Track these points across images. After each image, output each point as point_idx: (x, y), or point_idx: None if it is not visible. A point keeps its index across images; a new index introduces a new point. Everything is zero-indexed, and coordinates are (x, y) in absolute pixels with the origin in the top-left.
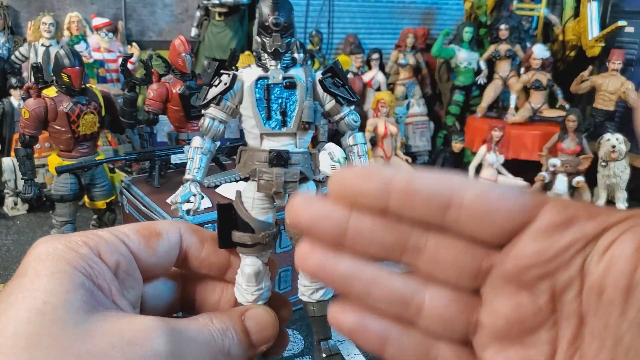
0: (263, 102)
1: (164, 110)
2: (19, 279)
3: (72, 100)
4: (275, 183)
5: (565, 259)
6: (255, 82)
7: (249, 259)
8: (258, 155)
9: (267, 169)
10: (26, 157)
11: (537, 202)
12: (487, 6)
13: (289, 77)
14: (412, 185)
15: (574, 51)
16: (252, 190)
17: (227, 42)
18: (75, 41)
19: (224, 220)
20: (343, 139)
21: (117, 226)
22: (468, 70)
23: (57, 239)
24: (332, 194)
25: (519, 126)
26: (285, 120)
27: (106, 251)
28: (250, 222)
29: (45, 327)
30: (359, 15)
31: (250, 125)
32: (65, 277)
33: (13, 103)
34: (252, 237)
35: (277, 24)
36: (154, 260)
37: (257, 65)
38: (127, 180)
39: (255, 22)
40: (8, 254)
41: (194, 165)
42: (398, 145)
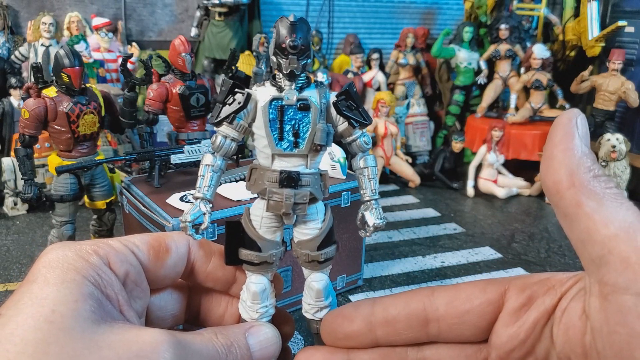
0: (276, 123)
1: (163, 110)
2: (29, 286)
3: (72, 100)
4: (285, 204)
5: (537, 334)
6: (270, 102)
7: (254, 277)
8: (269, 175)
9: (277, 189)
10: (26, 157)
11: (500, 292)
12: (487, 6)
13: (304, 99)
14: (389, 314)
15: (574, 51)
16: (260, 209)
17: (227, 42)
18: (75, 41)
19: (232, 238)
20: (354, 160)
21: (127, 236)
22: (468, 70)
23: (68, 247)
24: (327, 341)
25: (519, 126)
26: (298, 141)
27: (116, 261)
28: (258, 241)
29: (53, 335)
30: (359, 15)
31: (262, 144)
32: (74, 286)
33: (13, 103)
34: (259, 256)
35: (295, 47)
36: (162, 272)
37: (271, 84)
38: (126, 180)
39: (272, 42)
40: (8, 254)
41: (205, 183)
42: (398, 145)
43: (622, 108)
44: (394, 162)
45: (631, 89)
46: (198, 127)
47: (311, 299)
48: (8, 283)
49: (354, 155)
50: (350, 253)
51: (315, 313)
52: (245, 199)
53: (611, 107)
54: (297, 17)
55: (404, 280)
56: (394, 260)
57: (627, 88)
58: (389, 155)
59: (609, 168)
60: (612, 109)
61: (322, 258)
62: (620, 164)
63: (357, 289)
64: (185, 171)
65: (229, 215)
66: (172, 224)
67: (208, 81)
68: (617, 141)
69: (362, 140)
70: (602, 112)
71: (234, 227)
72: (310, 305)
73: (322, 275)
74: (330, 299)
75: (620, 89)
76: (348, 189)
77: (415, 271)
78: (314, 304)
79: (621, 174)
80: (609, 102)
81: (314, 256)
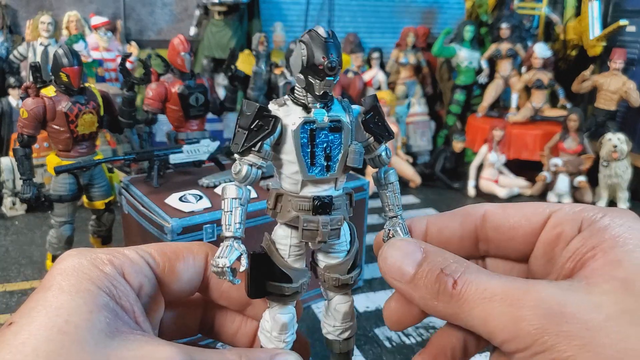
0: (307, 147)
1: (162, 110)
2: (43, 293)
3: (71, 100)
4: (321, 232)
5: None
6: (301, 126)
7: (283, 308)
8: (300, 203)
9: (312, 217)
10: (24, 157)
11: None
12: (488, 5)
13: (336, 120)
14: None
15: (575, 50)
16: (288, 237)
17: (226, 41)
18: (74, 40)
19: (257, 270)
20: (374, 174)
21: (144, 245)
22: (469, 70)
23: (84, 255)
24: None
25: (520, 126)
26: (330, 165)
27: (130, 272)
28: (289, 272)
29: (66, 348)
30: (360, 14)
31: (291, 171)
32: (89, 297)
33: (11, 102)
34: (290, 287)
35: (333, 68)
36: (177, 285)
37: (293, 102)
38: (125, 180)
39: (300, 59)
40: (7, 254)
41: (235, 219)
42: (399, 145)
43: (623, 108)
44: (395, 162)
45: (633, 88)
46: (197, 126)
47: (336, 321)
48: (7, 284)
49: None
50: None
51: (340, 334)
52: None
53: (612, 106)
54: (327, 31)
55: None
56: None
57: (628, 87)
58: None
59: (611, 168)
60: (614, 108)
61: (352, 280)
62: (622, 164)
63: (358, 289)
64: (185, 171)
65: None
66: (171, 224)
67: (207, 80)
68: (618, 141)
69: (385, 155)
70: (604, 111)
71: (260, 259)
72: (334, 327)
73: (348, 297)
74: (354, 320)
75: (621, 88)
76: None
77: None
78: (340, 325)
79: (622, 174)
80: (610, 101)
81: (345, 280)
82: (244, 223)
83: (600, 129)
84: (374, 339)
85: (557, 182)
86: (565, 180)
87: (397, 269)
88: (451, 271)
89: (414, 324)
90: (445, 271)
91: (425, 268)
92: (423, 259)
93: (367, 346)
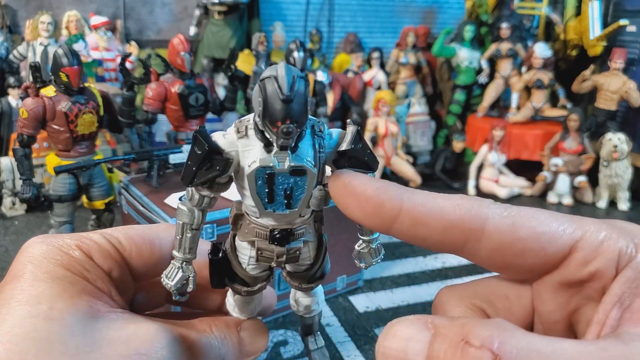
0: (265, 188)
1: (162, 110)
2: (16, 283)
3: (71, 100)
4: (277, 261)
5: None
6: (256, 170)
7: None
8: (257, 230)
9: (268, 246)
10: (24, 157)
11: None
12: (488, 5)
13: (297, 167)
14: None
15: (575, 50)
16: (248, 251)
17: (226, 41)
18: (74, 40)
19: (217, 267)
20: None
21: (110, 229)
22: (469, 69)
23: (49, 240)
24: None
25: (520, 125)
26: (291, 203)
27: (99, 257)
28: (246, 279)
29: (55, 333)
30: (360, 14)
31: (249, 202)
32: (66, 283)
33: (11, 102)
34: (248, 290)
35: (289, 133)
36: (145, 269)
37: (257, 137)
38: (125, 180)
39: (260, 103)
40: (6, 254)
41: (186, 245)
42: (399, 145)
43: (624, 107)
44: (395, 162)
45: (633, 88)
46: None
47: (299, 307)
48: None
49: None
50: (350, 253)
51: (305, 314)
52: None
53: (613, 106)
54: (289, 80)
55: (405, 281)
56: (394, 260)
57: (628, 87)
58: (390, 154)
59: (611, 168)
60: (614, 108)
61: (315, 286)
62: (622, 164)
63: (358, 290)
64: None
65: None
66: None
67: (207, 80)
68: (618, 141)
69: None
70: (604, 111)
71: (219, 263)
72: (298, 310)
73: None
74: (319, 306)
75: (622, 88)
76: None
77: (416, 272)
78: (302, 312)
79: (623, 173)
80: (610, 101)
81: (306, 287)
82: (195, 246)
83: (600, 128)
84: (374, 339)
85: (558, 182)
86: (565, 180)
87: None
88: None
89: None
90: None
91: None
92: (433, 337)
93: (367, 346)
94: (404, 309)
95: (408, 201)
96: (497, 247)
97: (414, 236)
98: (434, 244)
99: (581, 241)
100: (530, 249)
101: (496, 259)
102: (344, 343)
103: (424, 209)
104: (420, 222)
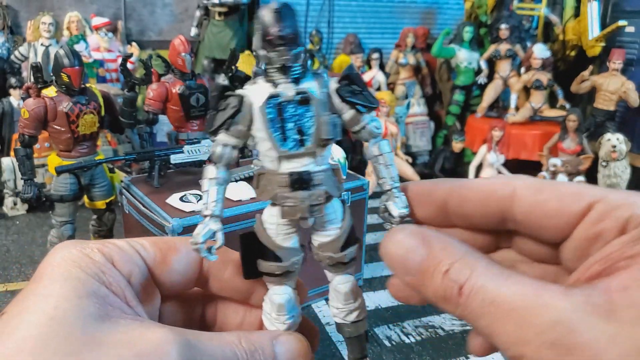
0: (277, 122)
1: (163, 110)
2: (34, 284)
3: (72, 100)
4: (301, 208)
5: None
6: (266, 101)
7: (277, 288)
8: (278, 179)
9: (290, 193)
10: (26, 157)
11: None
12: (487, 6)
13: (302, 91)
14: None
15: (574, 51)
16: (274, 216)
17: (226, 41)
18: (75, 41)
19: (248, 250)
20: (366, 149)
21: (136, 238)
22: (468, 70)
23: (73, 245)
24: None
25: (519, 126)
26: (303, 139)
27: (119, 259)
28: (277, 251)
29: (54, 331)
30: (359, 15)
31: (265, 147)
32: (78, 283)
33: (13, 103)
34: (280, 266)
35: (283, 37)
36: (171, 277)
37: (265, 80)
38: (126, 180)
39: (258, 35)
40: (8, 254)
41: (211, 198)
42: (398, 145)
43: (622, 108)
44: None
45: (631, 89)
46: (198, 126)
47: (339, 302)
48: (8, 283)
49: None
50: None
51: (346, 317)
52: (245, 199)
53: (611, 107)
54: (280, 3)
55: None
56: None
57: (627, 88)
58: None
59: (610, 168)
60: (613, 108)
61: (347, 259)
62: (621, 164)
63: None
64: (185, 171)
65: (229, 215)
66: (172, 224)
67: (208, 81)
68: (617, 141)
69: (372, 126)
70: (603, 112)
71: (248, 239)
72: (339, 310)
73: (348, 277)
74: (359, 300)
75: (620, 88)
76: (349, 189)
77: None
78: (343, 307)
79: (621, 174)
80: (609, 102)
81: (338, 258)
82: (221, 202)
83: (599, 129)
84: (373, 338)
85: None
86: (564, 181)
87: (400, 265)
88: (456, 275)
89: (420, 304)
90: (450, 274)
91: (429, 268)
92: (427, 256)
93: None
94: (404, 308)
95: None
96: (527, 209)
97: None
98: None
99: (599, 202)
100: (554, 208)
101: (530, 222)
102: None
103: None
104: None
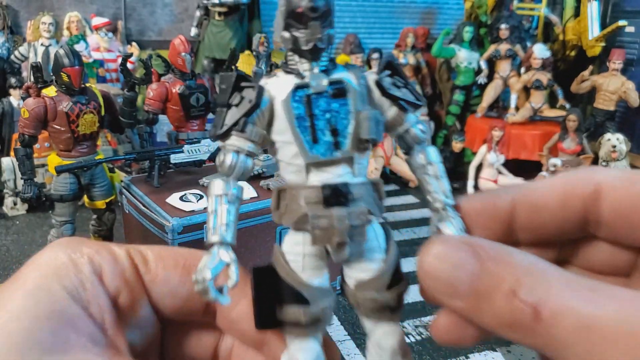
0: (305, 120)
1: (163, 110)
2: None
3: (72, 100)
4: (338, 230)
5: None
6: (292, 93)
7: (301, 343)
8: (306, 194)
9: (323, 211)
10: (26, 156)
11: None
12: (487, 6)
13: (337, 81)
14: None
15: (574, 51)
16: (300, 245)
17: (226, 41)
18: (75, 41)
19: (262, 290)
20: (410, 157)
21: (142, 246)
22: (468, 70)
23: (65, 247)
24: None
25: (519, 126)
26: (338, 141)
27: (109, 273)
28: (304, 291)
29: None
30: (359, 15)
31: (289, 154)
32: (45, 298)
33: (13, 103)
34: (307, 311)
35: (315, 9)
36: (173, 302)
37: (285, 71)
38: (126, 180)
39: (280, 13)
40: (7, 254)
41: (220, 220)
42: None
43: (622, 108)
44: (394, 162)
45: (631, 88)
46: (198, 126)
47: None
48: None
49: (409, 150)
50: None
51: None
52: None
53: (611, 107)
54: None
55: None
56: None
57: (627, 88)
58: (389, 154)
59: (610, 168)
60: (613, 108)
61: (395, 302)
62: (621, 164)
63: None
64: (185, 171)
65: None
66: (172, 224)
67: (208, 81)
68: (617, 141)
69: (418, 129)
70: (603, 112)
71: (264, 275)
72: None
73: (394, 328)
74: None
75: (620, 88)
76: None
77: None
78: None
79: None
80: (609, 102)
81: (385, 300)
82: (233, 225)
83: (599, 129)
84: None
85: None
86: None
87: (445, 286)
88: (526, 294)
89: (476, 343)
90: (518, 294)
91: (486, 287)
92: (481, 272)
93: None
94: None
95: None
96: (618, 205)
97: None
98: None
99: None
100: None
101: (622, 220)
102: (344, 342)
103: (536, 193)
104: (537, 206)
